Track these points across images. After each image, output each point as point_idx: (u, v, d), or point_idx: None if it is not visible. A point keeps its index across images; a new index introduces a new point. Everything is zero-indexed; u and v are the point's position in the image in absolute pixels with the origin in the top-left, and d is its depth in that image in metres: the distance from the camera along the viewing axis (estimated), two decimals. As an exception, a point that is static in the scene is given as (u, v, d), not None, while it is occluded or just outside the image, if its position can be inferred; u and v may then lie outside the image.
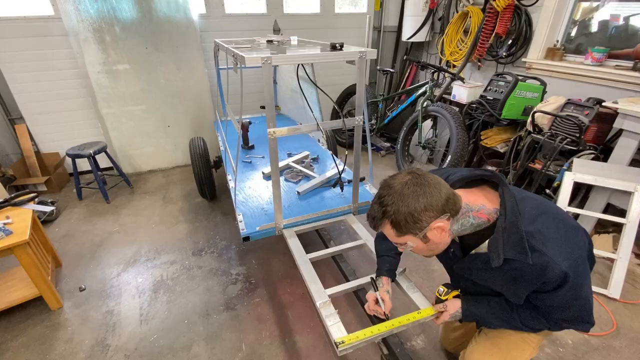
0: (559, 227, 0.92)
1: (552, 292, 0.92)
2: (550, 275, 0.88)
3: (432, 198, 0.88)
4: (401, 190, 0.89)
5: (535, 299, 1.00)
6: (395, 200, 0.89)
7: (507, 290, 1.02)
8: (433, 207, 0.88)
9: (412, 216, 0.89)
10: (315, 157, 2.63)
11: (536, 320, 1.04)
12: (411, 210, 0.88)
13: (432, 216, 0.89)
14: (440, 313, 1.20)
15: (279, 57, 1.37)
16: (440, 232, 0.92)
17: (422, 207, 0.88)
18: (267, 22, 3.66)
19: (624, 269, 2.00)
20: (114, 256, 2.42)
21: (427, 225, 0.90)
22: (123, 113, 3.40)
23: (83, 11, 2.91)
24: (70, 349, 1.75)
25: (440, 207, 0.89)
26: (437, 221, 0.90)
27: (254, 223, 1.83)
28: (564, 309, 0.98)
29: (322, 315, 1.28)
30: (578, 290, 0.93)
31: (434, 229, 0.91)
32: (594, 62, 2.65)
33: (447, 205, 0.89)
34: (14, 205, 2.00)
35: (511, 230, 0.90)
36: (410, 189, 0.88)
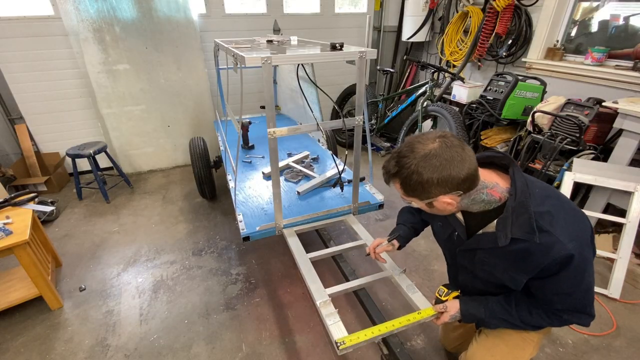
0: (565, 210, 0.92)
1: (555, 275, 0.92)
2: (556, 255, 0.87)
3: (450, 175, 0.85)
4: (423, 158, 0.86)
5: (536, 286, 1.00)
6: (412, 166, 0.87)
7: (509, 275, 1.01)
8: (447, 184, 0.87)
9: (422, 186, 0.88)
10: (315, 157, 2.63)
11: (535, 316, 1.04)
12: (423, 181, 0.87)
13: (442, 191, 0.89)
14: (441, 314, 1.20)
15: (279, 57, 1.37)
16: (446, 205, 0.93)
17: (436, 181, 0.86)
18: (267, 22, 3.66)
19: (624, 268, 2.00)
20: (114, 256, 2.42)
21: (435, 197, 0.91)
22: (123, 113, 3.40)
23: (83, 11, 2.91)
24: (70, 349, 1.75)
25: (455, 185, 0.87)
26: (447, 196, 0.90)
27: (254, 223, 1.83)
28: (565, 295, 0.97)
29: (323, 314, 1.28)
30: (581, 275, 0.93)
31: (441, 201, 0.92)
32: (594, 62, 2.65)
33: (464, 184, 0.88)
34: (14, 205, 2.00)
35: (520, 210, 0.90)
36: (432, 161, 0.85)
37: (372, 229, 2.60)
